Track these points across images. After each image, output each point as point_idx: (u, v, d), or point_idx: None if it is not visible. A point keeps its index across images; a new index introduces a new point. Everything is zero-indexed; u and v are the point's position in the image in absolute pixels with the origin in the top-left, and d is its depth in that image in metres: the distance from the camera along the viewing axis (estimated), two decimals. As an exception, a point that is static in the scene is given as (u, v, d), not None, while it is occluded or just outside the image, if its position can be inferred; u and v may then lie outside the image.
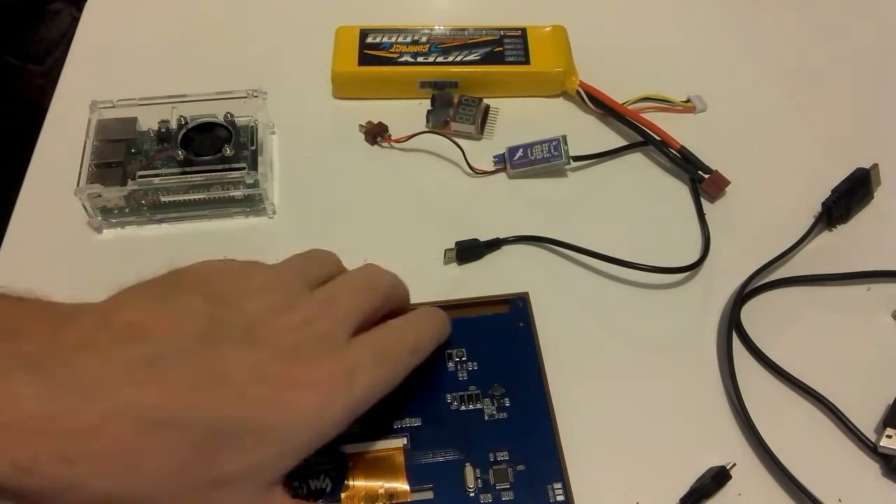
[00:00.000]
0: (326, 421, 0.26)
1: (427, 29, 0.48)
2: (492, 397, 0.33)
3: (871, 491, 0.33)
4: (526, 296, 0.37)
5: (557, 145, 0.43)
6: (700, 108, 0.47)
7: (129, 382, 0.23)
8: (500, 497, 0.30)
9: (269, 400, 0.25)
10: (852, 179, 0.42)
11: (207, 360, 0.24)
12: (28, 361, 0.22)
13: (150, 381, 0.23)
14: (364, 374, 0.27)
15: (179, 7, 0.52)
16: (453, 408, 0.33)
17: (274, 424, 0.25)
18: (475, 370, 0.34)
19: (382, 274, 0.31)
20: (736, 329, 0.37)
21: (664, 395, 0.35)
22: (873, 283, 0.39)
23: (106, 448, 0.22)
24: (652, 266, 0.38)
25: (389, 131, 0.45)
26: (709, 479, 0.32)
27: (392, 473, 0.31)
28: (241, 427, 0.24)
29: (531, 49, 0.47)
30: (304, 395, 0.25)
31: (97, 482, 0.22)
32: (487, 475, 0.31)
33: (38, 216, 0.41)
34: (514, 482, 0.31)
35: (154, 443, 0.23)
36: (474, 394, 0.33)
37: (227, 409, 0.24)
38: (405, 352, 0.30)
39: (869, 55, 0.50)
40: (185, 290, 0.26)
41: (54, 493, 0.22)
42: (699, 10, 0.53)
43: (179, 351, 0.24)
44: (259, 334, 0.26)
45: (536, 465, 0.31)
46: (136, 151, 0.41)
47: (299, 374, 0.26)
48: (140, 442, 0.22)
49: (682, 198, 0.43)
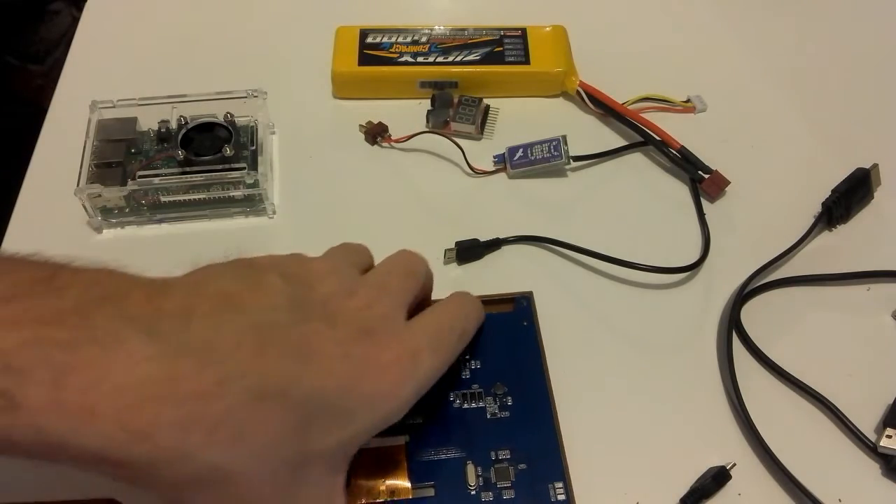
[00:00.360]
0: (400, 401, 0.26)
1: (427, 29, 0.48)
2: (494, 396, 0.33)
3: (871, 491, 0.33)
4: (530, 295, 0.37)
5: (557, 145, 0.43)
6: (700, 108, 0.47)
7: (238, 351, 0.22)
8: (501, 495, 0.30)
9: (354, 378, 0.25)
10: (852, 179, 0.42)
11: (300, 334, 0.24)
12: (139, 325, 0.21)
13: (257, 351, 0.23)
14: (425, 356, 0.27)
15: (179, 7, 0.52)
16: (456, 406, 0.33)
17: (356, 404, 0.25)
18: (478, 368, 0.34)
19: (419, 258, 0.32)
20: (736, 329, 0.37)
21: (664, 395, 0.35)
22: (873, 283, 0.39)
23: (220, 414, 0.21)
24: (652, 266, 0.38)
25: (389, 131, 0.45)
26: (709, 479, 0.32)
27: (393, 470, 0.31)
28: (332, 404, 0.24)
29: (531, 49, 0.47)
30: (381, 374, 0.25)
31: (208, 452, 0.21)
32: (489, 473, 0.31)
33: (38, 216, 0.41)
34: (515, 481, 0.31)
35: (260, 413, 0.22)
36: (477, 392, 0.33)
37: (321, 384, 0.24)
38: (456, 335, 0.30)
39: (869, 55, 0.50)
40: (262, 270, 0.26)
41: (162, 465, 0.20)
42: (699, 10, 0.53)
43: (274, 323, 0.24)
44: (335, 313, 0.26)
45: (538, 463, 0.31)
46: (136, 151, 0.41)
47: (374, 354, 0.26)
48: (248, 412, 0.22)
49: (682, 198, 0.43)
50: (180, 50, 0.50)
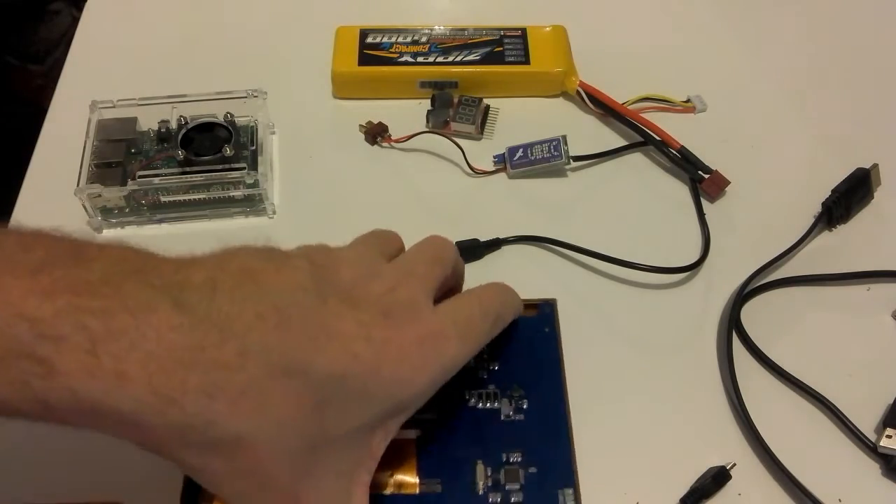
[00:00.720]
0: (420, 386, 0.26)
1: (427, 29, 0.48)
2: (510, 398, 0.33)
3: (871, 491, 0.33)
4: (554, 302, 0.36)
5: (557, 145, 0.43)
6: (700, 108, 0.47)
7: (261, 325, 0.23)
8: (510, 497, 0.30)
9: (374, 361, 0.25)
10: (852, 179, 0.42)
11: (322, 314, 0.24)
12: (167, 295, 0.22)
13: (279, 328, 0.23)
14: (450, 340, 0.27)
15: (179, 7, 0.52)
16: (471, 405, 0.33)
17: (376, 387, 0.25)
18: (496, 370, 0.34)
19: (448, 244, 0.31)
20: (736, 329, 0.37)
21: (664, 395, 0.35)
22: (873, 283, 0.39)
23: (242, 385, 0.21)
24: (652, 266, 0.38)
25: (389, 131, 0.45)
26: (709, 479, 0.32)
27: (402, 464, 0.31)
28: (351, 386, 0.24)
29: (531, 49, 0.47)
30: (402, 358, 0.25)
31: (230, 421, 0.21)
32: (499, 474, 0.31)
33: (38, 216, 0.41)
34: (524, 484, 0.31)
35: (281, 388, 0.22)
36: (493, 392, 0.33)
37: (340, 365, 0.24)
38: (490, 321, 0.30)
39: (869, 55, 0.50)
40: (288, 253, 0.26)
41: (189, 430, 0.21)
42: (699, 10, 0.53)
43: (297, 302, 0.24)
44: (358, 296, 0.26)
45: (549, 468, 0.31)
46: (136, 151, 0.41)
47: (396, 338, 0.26)
48: (269, 385, 0.22)
49: (682, 198, 0.43)
50: (180, 50, 0.50)
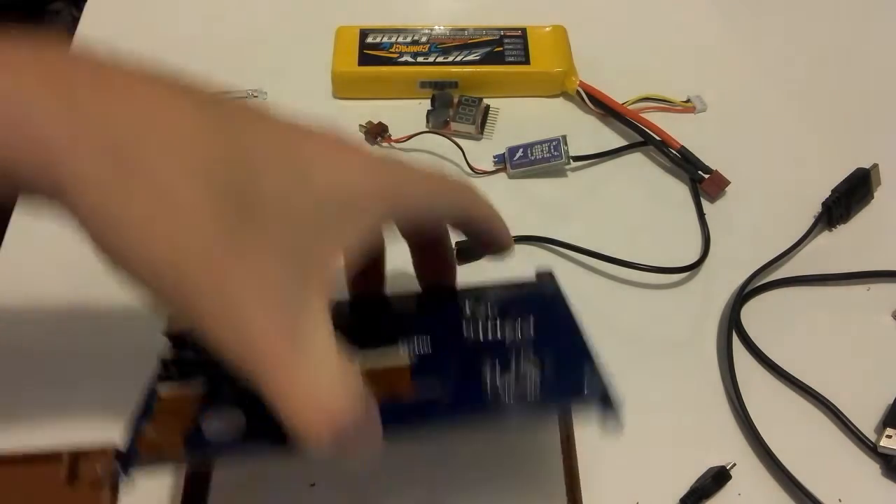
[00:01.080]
0: (361, 186, 0.25)
1: (427, 29, 0.48)
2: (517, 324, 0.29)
3: (871, 491, 0.33)
4: (551, 271, 0.33)
5: (557, 145, 0.43)
6: (700, 108, 0.47)
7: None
8: (526, 384, 0.26)
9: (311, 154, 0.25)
10: (852, 179, 0.42)
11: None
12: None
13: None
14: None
15: (179, 7, 0.52)
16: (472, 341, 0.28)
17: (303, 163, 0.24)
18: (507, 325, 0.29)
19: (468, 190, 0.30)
20: (736, 329, 0.37)
21: (664, 395, 0.35)
22: (873, 283, 0.39)
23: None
24: (652, 266, 0.38)
25: (389, 131, 0.45)
26: (709, 479, 0.32)
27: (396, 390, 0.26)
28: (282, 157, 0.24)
29: (531, 49, 0.47)
30: (337, 161, 0.25)
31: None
32: (509, 370, 0.27)
33: (38, 216, 0.41)
34: (543, 364, 0.27)
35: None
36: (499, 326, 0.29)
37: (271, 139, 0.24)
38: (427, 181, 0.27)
39: (868, 55, 0.50)
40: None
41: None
42: (699, 10, 0.53)
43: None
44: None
45: (565, 353, 0.28)
46: (136, 151, 0.41)
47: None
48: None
49: (682, 198, 0.43)
50: (180, 50, 0.50)
